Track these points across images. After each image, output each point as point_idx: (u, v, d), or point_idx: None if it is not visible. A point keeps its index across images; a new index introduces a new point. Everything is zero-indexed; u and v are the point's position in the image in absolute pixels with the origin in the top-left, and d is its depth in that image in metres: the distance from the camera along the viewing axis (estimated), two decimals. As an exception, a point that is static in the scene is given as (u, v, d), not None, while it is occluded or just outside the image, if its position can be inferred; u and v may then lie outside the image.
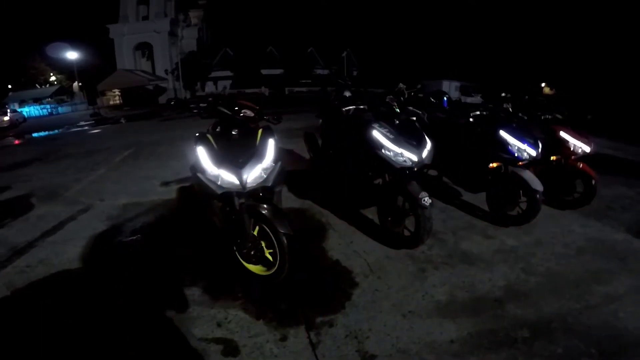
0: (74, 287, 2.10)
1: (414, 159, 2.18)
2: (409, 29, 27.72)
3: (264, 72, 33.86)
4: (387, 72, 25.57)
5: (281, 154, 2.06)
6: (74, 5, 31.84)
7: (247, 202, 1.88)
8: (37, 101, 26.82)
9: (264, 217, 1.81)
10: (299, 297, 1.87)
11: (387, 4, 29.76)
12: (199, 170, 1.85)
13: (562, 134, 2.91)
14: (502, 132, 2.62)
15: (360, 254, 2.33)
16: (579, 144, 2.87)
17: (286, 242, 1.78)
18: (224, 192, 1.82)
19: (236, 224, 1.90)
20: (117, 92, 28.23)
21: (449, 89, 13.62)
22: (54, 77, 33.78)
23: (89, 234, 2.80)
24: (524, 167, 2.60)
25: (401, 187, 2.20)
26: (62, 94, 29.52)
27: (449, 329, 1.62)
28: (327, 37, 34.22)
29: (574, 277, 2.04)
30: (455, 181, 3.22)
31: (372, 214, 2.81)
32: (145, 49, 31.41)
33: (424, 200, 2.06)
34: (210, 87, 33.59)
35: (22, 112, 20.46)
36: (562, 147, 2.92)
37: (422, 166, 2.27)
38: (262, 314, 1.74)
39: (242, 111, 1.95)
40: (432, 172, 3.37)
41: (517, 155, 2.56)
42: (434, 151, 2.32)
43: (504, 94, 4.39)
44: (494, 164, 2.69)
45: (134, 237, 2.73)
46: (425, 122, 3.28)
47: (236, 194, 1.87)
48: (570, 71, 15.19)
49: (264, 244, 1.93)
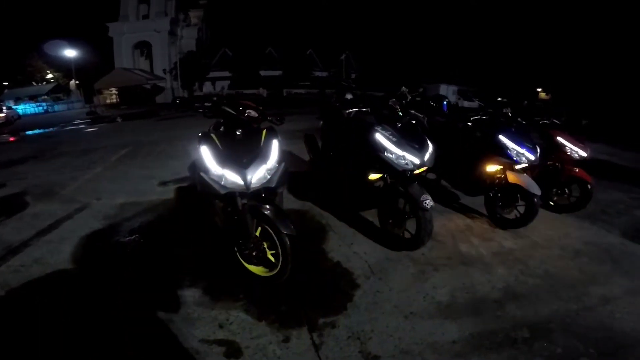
0: (70, 287, 2.07)
1: (416, 161, 2.20)
2: (408, 33, 28.01)
3: (263, 73, 33.87)
4: (386, 75, 25.76)
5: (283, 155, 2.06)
6: (73, 3, 31.62)
7: (250, 202, 1.87)
8: (33, 99, 26.47)
9: (267, 218, 1.81)
10: (300, 299, 1.87)
11: (387, 7, 30.07)
12: (202, 169, 1.84)
13: (560, 139, 2.96)
14: (501, 137, 2.66)
15: (361, 255, 2.34)
16: (576, 149, 2.92)
17: (289, 243, 1.78)
18: (227, 192, 1.81)
19: (238, 225, 1.90)
20: (114, 90, 27.99)
21: (446, 92, 13.73)
22: (51, 75, 33.40)
23: (86, 233, 2.77)
24: (523, 171, 2.64)
25: (403, 190, 2.22)
26: (58, 92, 29.18)
27: (451, 329, 1.64)
28: (326, 39, 34.40)
29: (571, 279, 2.08)
30: (453, 184, 3.25)
31: (371, 216, 2.83)
32: (144, 48, 31.23)
33: (425, 202, 2.08)
34: (208, 87, 33.47)
35: (16, 109, 20.19)
36: (559, 152, 2.97)
37: (423, 169, 2.30)
38: (264, 316, 1.74)
39: (247, 111, 1.95)
40: (431, 176, 3.40)
41: (515, 159, 2.60)
42: (434, 154, 2.34)
43: (500, 99, 4.44)
44: (493, 167, 2.73)
45: (132, 237, 2.70)
46: (425, 125, 3.31)
47: (239, 195, 1.86)
48: (565, 76, 15.43)
49: (266, 245, 1.92)
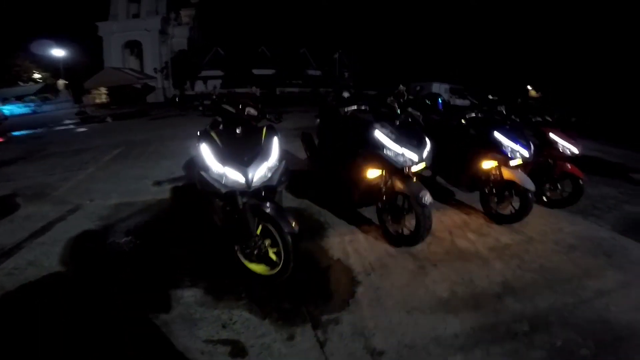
0: (67, 290, 2.03)
1: (415, 158, 2.22)
2: (400, 32, 28.19)
3: (256, 72, 33.59)
4: (379, 74, 25.90)
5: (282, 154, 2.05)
6: (61, 1, 30.73)
7: (250, 201, 1.86)
8: (20, 99, 25.72)
9: (269, 216, 1.80)
10: (302, 296, 1.87)
11: (379, 7, 30.19)
12: (202, 168, 1.82)
13: (552, 135, 3.02)
14: (496, 134, 2.70)
15: (360, 252, 2.35)
16: (568, 145, 2.98)
17: (291, 241, 1.78)
18: (227, 191, 1.79)
19: (239, 223, 1.89)
20: (104, 90, 27.41)
21: (439, 90, 13.85)
22: (38, 75, 32.52)
23: (80, 235, 2.71)
24: (517, 168, 2.69)
25: (401, 186, 2.23)
26: (46, 92, 28.41)
27: (453, 323, 1.66)
28: (319, 38, 34.32)
29: (566, 273, 2.12)
30: (449, 181, 3.29)
31: (369, 212, 2.84)
32: (134, 47, 30.66)
33: (424, 199, 2.10)
34: (200, 86, 33.03)
35: (3, 110, 19.61)
36: (552, 148, 3.03)
37: (422, 166, 2.31)
38: (267, 314, 1.73)
39: (246, 110, 1.94)
40: (427, 173, 3.43)
41: (510, 155, 2.64)
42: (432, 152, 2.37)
43: (491, 97, 4.51)
44: (488, 164, 2.77)
45: (128, 238, 2.65)
46: (421, 123, 3.34)
47: (240, 193, 1.85)
48: (556, 74, 15.71)
49: (267, 243, 1.92)
